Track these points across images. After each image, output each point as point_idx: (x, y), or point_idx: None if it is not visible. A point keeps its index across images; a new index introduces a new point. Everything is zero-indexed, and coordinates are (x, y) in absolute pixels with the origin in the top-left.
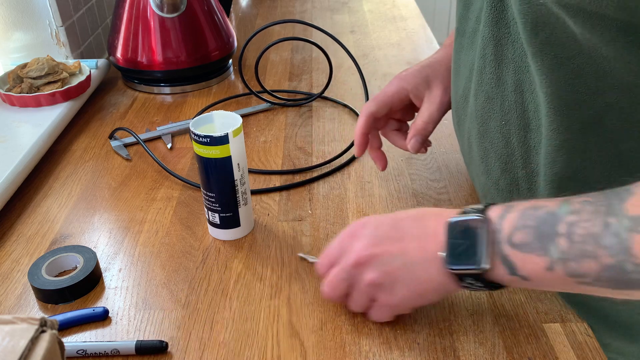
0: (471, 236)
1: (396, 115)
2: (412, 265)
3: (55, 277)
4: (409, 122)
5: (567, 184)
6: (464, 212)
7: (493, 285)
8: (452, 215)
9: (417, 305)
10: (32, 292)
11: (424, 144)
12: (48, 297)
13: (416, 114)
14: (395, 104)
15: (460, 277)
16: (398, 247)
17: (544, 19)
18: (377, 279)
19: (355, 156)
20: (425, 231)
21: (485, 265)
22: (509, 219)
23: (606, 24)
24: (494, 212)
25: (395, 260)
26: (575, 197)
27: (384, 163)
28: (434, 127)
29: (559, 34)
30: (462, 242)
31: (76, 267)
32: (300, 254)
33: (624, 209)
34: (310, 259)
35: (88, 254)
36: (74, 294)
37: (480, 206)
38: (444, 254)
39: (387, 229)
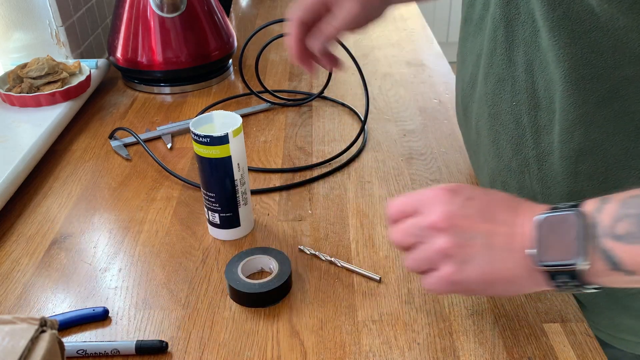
0: (566, 231)
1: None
2: (493, 250)
3: (248, 277)
4: None
5: (585, 158)
6: (556, 208)
7: (586, 285)
8: (545, 209)
9: (477, 292)
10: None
11: (330, 56)
12: (246, 299)
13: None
14: (320, 9)
15: (552, 275)
16: (485, 227)
17: None
18: (450, 250)
19: (297, 64)
20: (516, 221)
21: (584, 260)
22: (607, 211)
23: None
24: (588, 206)
25: (476, 238)
26: None
27: (333, 63)
28: (337, 33)
29: (576, 7)
30: (556, 237)
31: (265, 270)
32: (301, 247)
33: None
34: (309, 251)
35: (280, 255)
36: (273, 298)
37: (572, 202)
38: (534, 251)
39: (479, 205)
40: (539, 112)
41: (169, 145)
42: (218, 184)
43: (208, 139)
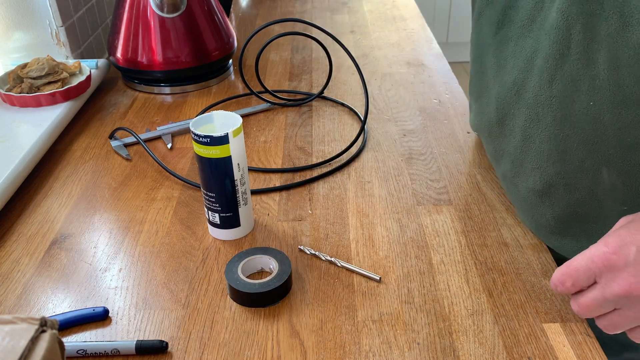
0: None
1: None
2: None
3: (248, 277)
4: None
5: None
6: None
7: None
8: None
9: None
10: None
11: None
12: (246, 299)
13: None
14: None
15: None
16: None
17: None
18: None
19: None
20: None
21: None
22: None
23: None
24: None
25: None
26: None
27: None
28: None
29: None
30: None
31: (265, 270)
32: (301, 247)
33: None
34: (309, 251)
35: (280, 255)
36: (272, 298)
37: None
38: None
39: None
40: (625, 108)
41: (169, 145)
42: (218, 184)
43: (208, 139)
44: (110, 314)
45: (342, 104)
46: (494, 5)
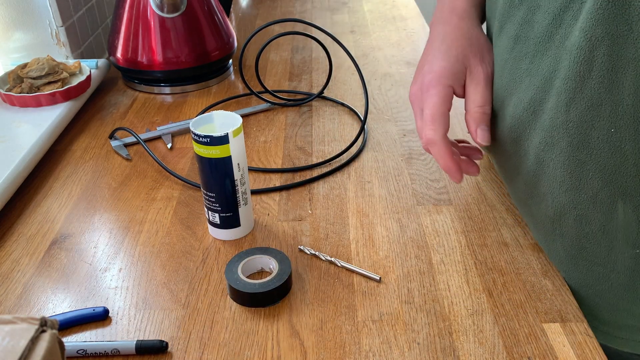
0: None
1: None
2: None
3: (248, 277)
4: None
5: None
6: None
7: None
8: None
9: None
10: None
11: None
12: (246, 299)
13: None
14: (449, 108)
15: None
16: None
17: None
18: None
19: (457, 183)
20: None
21: None
22: None
23: None
24: None
25: None
26: None
27: (475, 167)
28: (490, 106)
29: None
30: None
31: (265, 270)
32: (301, 247)
33: None
34: (309, 251)
35: (280, 255)
36: (272, 298)
37: None
38: None
39: None
40: None
41: (169, 145)
42: (218, 184)
43: (208, 139)
44: (110, 314)
45: (342, 104)
46: (513, 19)
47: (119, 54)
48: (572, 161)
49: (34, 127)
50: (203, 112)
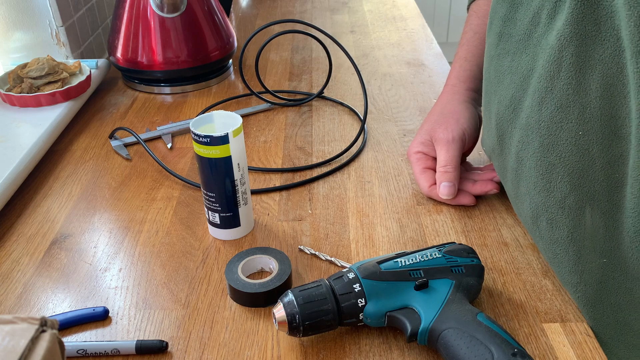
0: None
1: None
2: None
3: (248, 277)
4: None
5: None
6: None
7: None
8: None
9: None
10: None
11: (455, 188)
12: (247, 299)
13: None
14: (424, 167)
15: None
16: None
17: None
18: None
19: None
20: None
21: None
22: None
23: None
24: None
25: None
26: None
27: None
28: (455, 168)
29: None
30: None
31: (265, 270)
32: (301, 247)
33: None
34: (309, 251)
35: (280, 255)
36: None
37: None
38: None
39: None
40: (616, 141)
41: (169, 145)
42: (218, 184)
43: (208, 139)
44: (110, 314)
45: (342, 104)
46: (498, 15)
47: (119, 54)
48: (543, 162)
49: (34, 127)
50: (203, 112)
